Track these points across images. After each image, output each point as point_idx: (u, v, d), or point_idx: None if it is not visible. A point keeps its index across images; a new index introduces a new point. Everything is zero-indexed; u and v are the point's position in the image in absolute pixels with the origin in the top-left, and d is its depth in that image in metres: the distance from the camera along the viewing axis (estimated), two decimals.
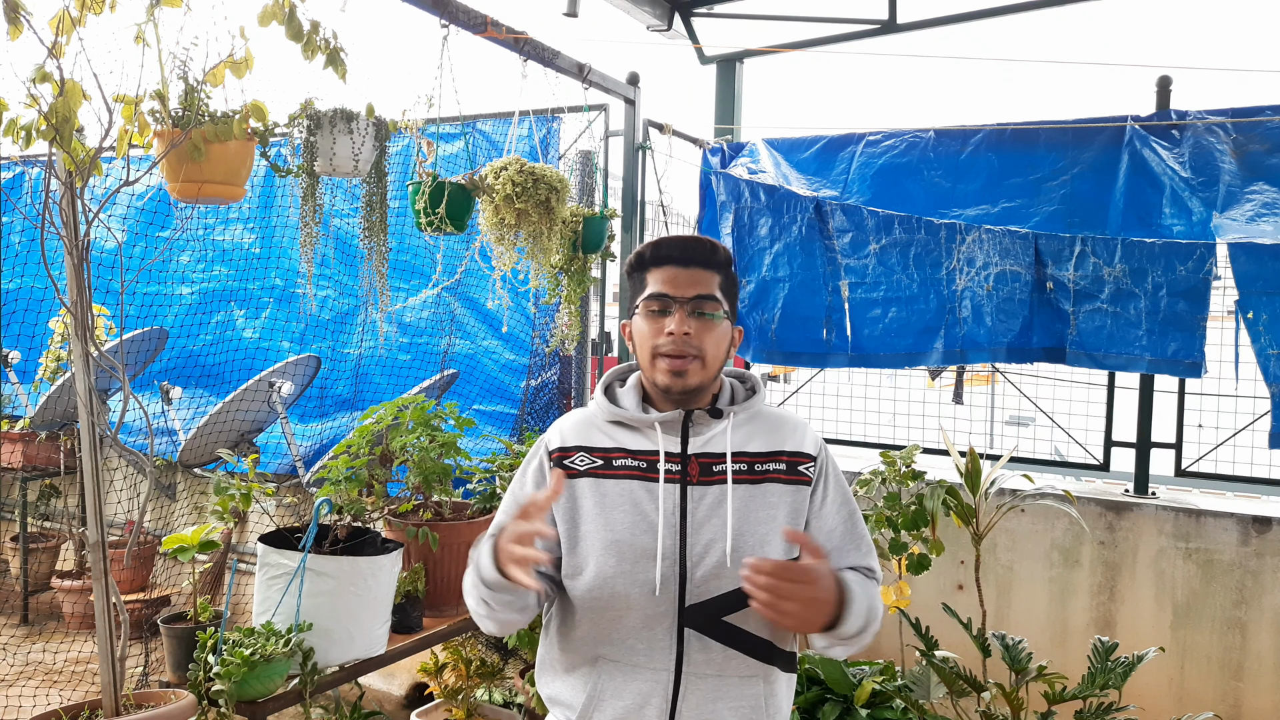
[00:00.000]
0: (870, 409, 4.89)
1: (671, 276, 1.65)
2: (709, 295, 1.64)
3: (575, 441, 1.69)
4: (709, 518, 1.60)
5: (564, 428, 1.73)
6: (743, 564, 1.47)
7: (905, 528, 3.32)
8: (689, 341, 1.61)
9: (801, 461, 1.67)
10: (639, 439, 1.66)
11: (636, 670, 1.59)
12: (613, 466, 1.64)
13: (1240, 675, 3.67)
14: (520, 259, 3.23)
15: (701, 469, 1.63)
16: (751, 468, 1.64)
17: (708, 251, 1.67)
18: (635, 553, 1.59)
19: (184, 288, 5.32)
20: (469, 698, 3.63)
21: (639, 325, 1.67)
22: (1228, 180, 3.65)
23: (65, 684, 4.21)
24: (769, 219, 4.33)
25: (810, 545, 1.51)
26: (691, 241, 1.68)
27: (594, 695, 1.61)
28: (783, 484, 1.65)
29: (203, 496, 5.24)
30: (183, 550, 2.53)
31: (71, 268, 2.08)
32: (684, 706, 1.58)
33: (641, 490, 1.62)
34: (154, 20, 2.17)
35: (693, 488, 1.62)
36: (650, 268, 1.68)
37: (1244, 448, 4.03)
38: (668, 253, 1.67)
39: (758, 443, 1.67)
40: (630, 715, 1.58)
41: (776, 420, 1.72)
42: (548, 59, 3.55)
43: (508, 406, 4.66)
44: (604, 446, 1.67)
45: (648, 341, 1.65)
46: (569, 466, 1.67)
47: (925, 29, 4.92)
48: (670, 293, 1.63)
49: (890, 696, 3.13)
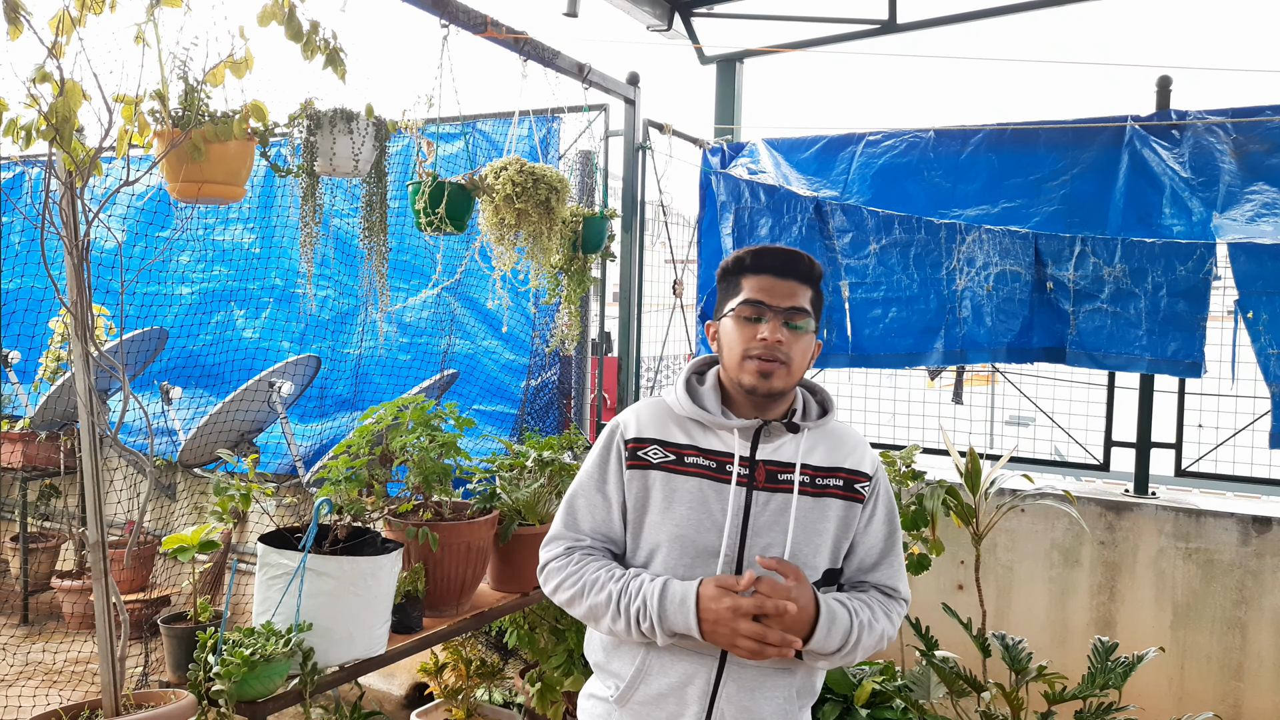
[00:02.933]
0: (870, 409, 4.89)
1: (769, 286, 1.73)
2: (801, 308, 1.73)
3: (651, 433, 1.76)
4: (771, 523, 1.70)
5: (641, 417, 1.80)
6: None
7: (905, 528, 3.31)
8: (779, 349, 1.69)
9: (858, 480, 1.77)
10: (711, 438, 1.74)
11: (685, 653, 1.69)
12: (684, 463, 1.73)
13: (1240, 675, 3.67)
14: (520, 259, 3.23)
15: (768, 475, 1.72)
16: (814, 480, 1.74)
17: (805, 266, 1.76)
18: (697, 548, 1.69)
19: (184, 288, 5.31)
20: (469, 698, 3.63)
21: (729, 328, 1.75)
22: (1228, 180, 3.65)
23: (65, 684, 4.21)
24: (769, 219, 4.33)
25: (784, 566, 1.63)
26: (791, 254, 1.76)
27: (642, 669, 1.71)
28: (839, 499, 1.76)
29: (203, 496, 5.24)
30: (183, 550, 2.52)
31: (71, 268, 2.08)
32: (724, 690, 1.68)
33: (710, 489, 1.71)
34: (154, 20, 2.17)
35: (757, 492, 1.71)
36: (748, 274, 1.76)
37: (1244, 448, 4.03)
38: (768, 262, 1.75)
39: (820, 456, 1.76)
40: (674, 692, 1.69)
41: (840, 436, 1.82)
42: (548, 59, 3.54)
43: (508, 406, 4.66)
44: (678, 442, 1.75)
45: (738, 344, 1.72)
46: (642, 458, 1.75)
47: (925, 29, 4.92)
48: (767, 301, 1.72)
49: (890, 696, 3.13)
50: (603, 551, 1.80)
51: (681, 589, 1.64)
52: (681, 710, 1.69)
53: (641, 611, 1.65)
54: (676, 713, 1.69)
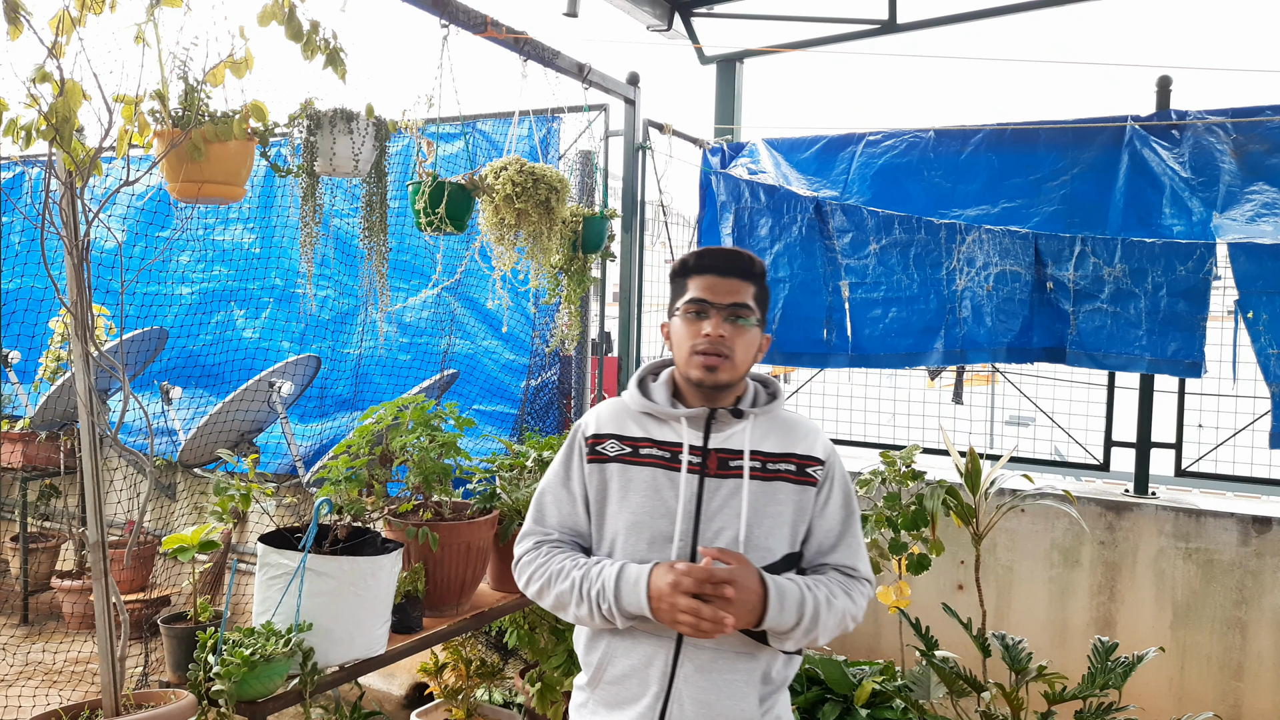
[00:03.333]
0: (870, 409, 4.89)
1: (711, 284, 1.82)
2: (743, 304, 1.82)
3: (609, 429, 1.87)
4: (722, 508, 1.78)
5: (600, 415, 1.91)
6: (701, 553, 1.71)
7: (905, 528, 3.31)
8: (723, 343, 1.78)
9: (810, 464, 1.84)
10: (665, 430, 1.84)
11: (645, 636, 1.78)
12: (639, 454, 1.83)
13: (1240, 675, 3.67)
14: (520, 259, 3.23)
15: (719, 463, 1.80)
16: (765, 466, 1.82)
17: (746, 263, 1.85)
18: (653, 534, 1.78)
19: (184, 288, 5.31)
20: (469, 698, 3.63)
21: (678, 326, 1.85)
22: (1228, 180, 3.65)
23: (65, 684, 4.21)
24: (769, 219, 4.33)
25: (725, 554, 1.70)
26: (732, 254, 1.86)
27: (607, 653, 1.82)
28: (791, 483, 1.82)
29: (203, 496, 5.24)
30: (183, 550, 2.52)
31: (71, 268, 2.08)
32: (681, 671, 1.76)
33: (664, 478, 1.80)
34: (154, 20, 2.17)
35: (709, 479, 1.80)
36: (693, 274, 1.85)
37: (1244, 448, 4.03)
38: (710, 262, 1.84)
39: (772, 443, 1.84)
40: (636, 673, 1.79)
41: (792, 423, 1.90)
42: (548, 59, 3.54)
43: (508, 406, 4.66)
44: (634, 435, 1.85)
45: (686, 341, 1.82)
46: (601, 452, 1.86)
47: (925, 29, 4.92)
48: (709, 299, 1.81)
49: (890, 696, 3.13)
50: (570, 544, 1.89)
51: (636, 571, 1.74)
52: (643, 690, 1.78)
53: (601, 594, 1.75)
54: (639, 693, 1.78)
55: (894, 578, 3.43)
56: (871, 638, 4.30)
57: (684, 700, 1.75)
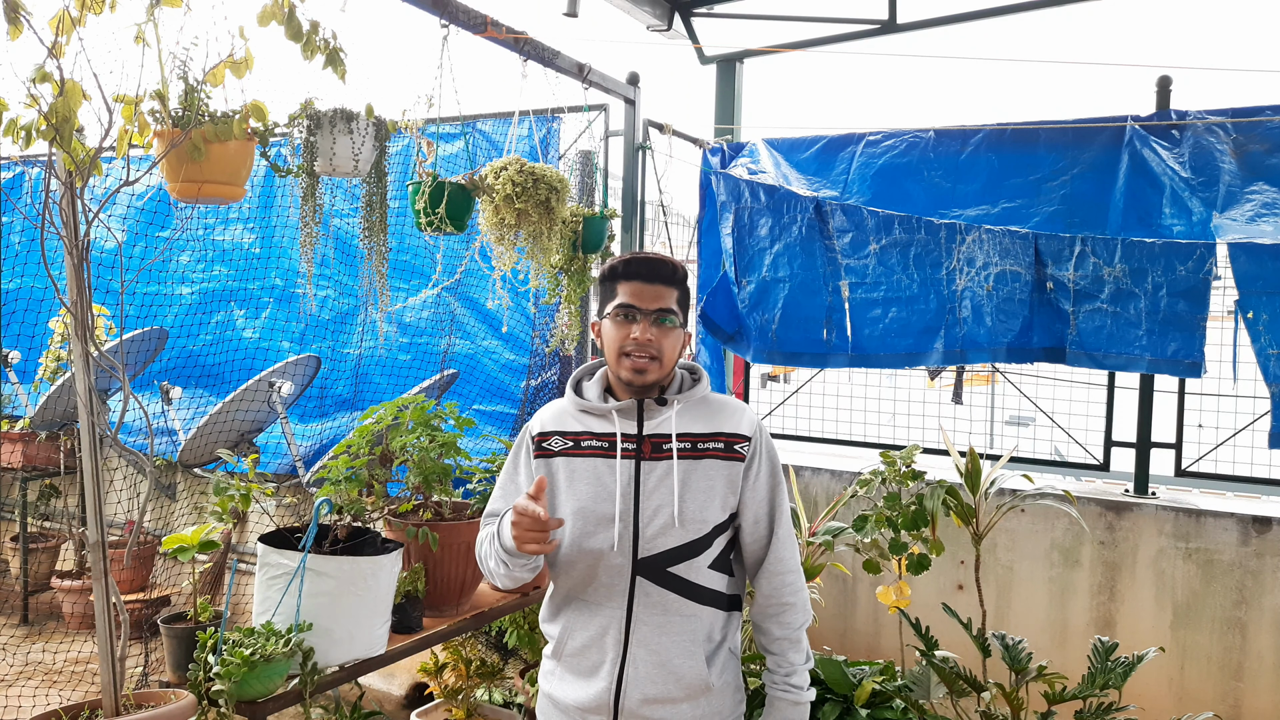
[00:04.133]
0: (870, 409, 4.88)
1: (638, 291, 1.99)
2: (668, 309, 2.00)
3: (552, 427, 2.06)
4: (658, 487, 1.96)
5: (544, 416, 2.10)
6: None
7: (905, 528, 3.31)
8: (650, 345, 1.96)
9: (737, 441, 2.02)
10: (603, 424, 2.02)
11: (599, 608, 1.98)
12: (581, 447, 2.01)
13: (1240, 675, 3.67)
14: (520, 259, 3.23)
15: (653, 447, 1.99)
16: (694, 445, 1.99)
17: (669, 271, 2.02)
18: (597, 517, 1.97)
19: (184, 288, 5.31)
20: (469, 698, 3.63)
21: (608, 328, 2.02)
22: (1228, 180, 3.64)
23: (65, 684, 4.21)
24: (769, 219, 4.32)
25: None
26: (657, 261, 2.03)
27: (567, 627, 2.03)
28: (720, 460, 2.00)
29: (203, 496, 5.24)
30: (183, 550, 2.52)
31: (71, 268, 2.08)
32: (634, 637, 1.96)
33: (604, 466, 1.98)
34: (154, 20, 2.17)
35: (645, 462, 1.98)
36: (621, 280, 2.01)
37: (1244, 448, 4.03)
38: (636, 269, 2.01)
39: (700, 425, 2.02)
40: (594, 642, 1.98)
41: (718, 405, 2.07)
42: (548, 59, 3.54)
43: (508, 406, 4.66)
44: (574, 430, 2.04)
45: (616, 343, 1.99)
46: (547, 448, 2.04)
47: (925, 29, 4.92)
48: (637, 304, 1.98)
49: (890, 696, 3.13)
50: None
51: (508, 516, 1.92)
52: (602, 658, 1.97)
53: (497, 541, 1.96)
54: (599, 659, 1.97)
55: (894, 578, 3.43)
56: (871, 638, 4.30)
57: (638, 662, 1.94)
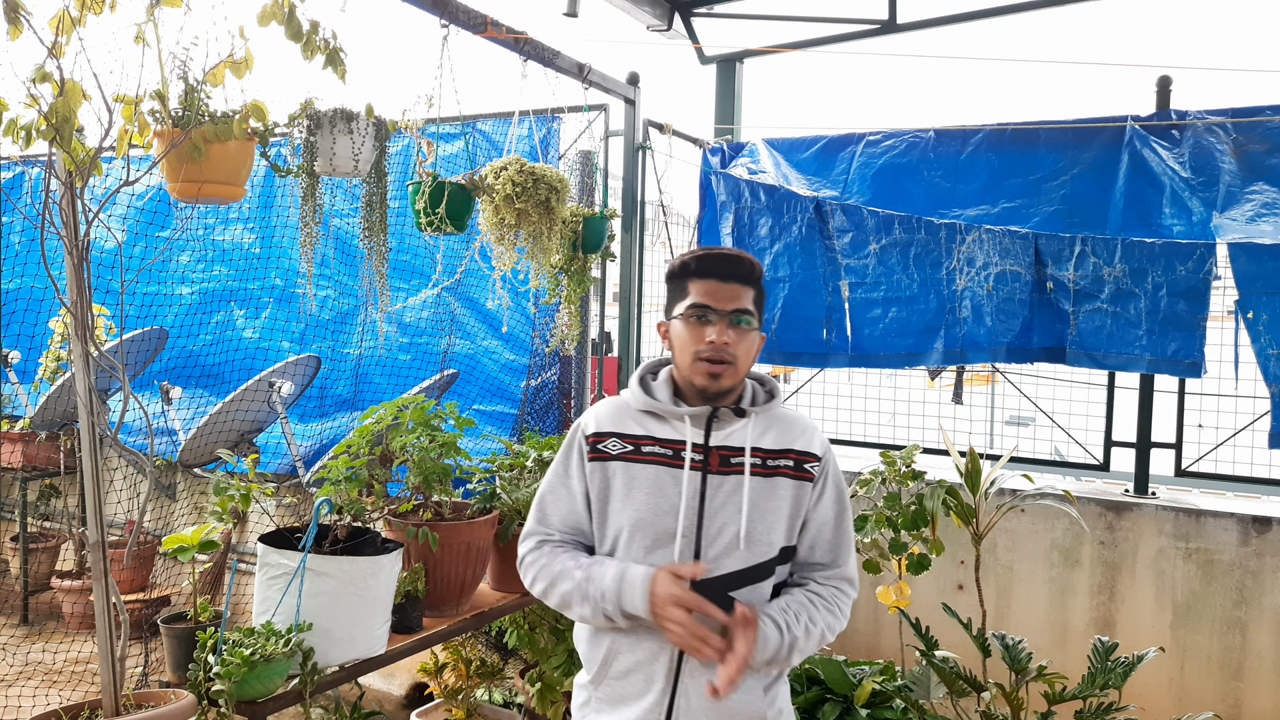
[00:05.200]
0: (870, 409, 4.88)
1: (713, 290, 1.82)
2: (745, 309, 1.83)
3: (609, 428, 1.87)
4: (724, 504, 1.80)
5: (600, 414, 1.91)
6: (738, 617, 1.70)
7: (905, 528, 3.31)
8: (727, 349, 1.79)
9: (808, 460, 1.86)
10: (666, 428, 1.85)
11: (650, 631, 1.77)
12: (641, 453, 1.83)
13: (1240, 675, 3.67)
14: (520, 259, 3.23)
15: (721, 460, 1.82)
16: (765, 462, 1.83)
17: (746, 268, 1.86)
18: (657, 532, 1.79)
19: (184, 288, 5.31)
20: (469, 698, 3.63)
21: (679, 329, 1.85)
22: (1228, 180, 3.64)
23: (65, 684, 4.21)
24: (769, 219, 4.32)
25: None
26: (733, 258, 1.86)
27: (611, 650, 1.82)
28: (790, 479, 1.84)
29: (203, 496, 5.24)
30: (183, 550, 2.52)
31: (71, 268, 2.08)
32: (687, 666, 1.77)
33: (667, 475, 1.81)
34: (154, 20, 2.16)
35: (712, 476, 1.81)
36: (693, 278, 1.85)
37: (1244, 448, 4.03)
38: (711, 267, 1.84)
39: (771, 439, 1.86)
40: (640, 668, 1.80)
41: (790, 421, 1.92)
42: (548, 59, 3.54)
43: (508, 406, 4.66)
44: (635, 434, 1.85)
45: (689, 346, 1.82)
46: (602, 451, 1.86)
47: (925, 29, 4.92)
48: (712, 304, 1.81)
49: (890, 696, 3.13)
50: (573, 544, 1.91)
51: (636, 574, 1.75)
52: (649, 686, 1.79)
53: (603, 597, 1.76)
54: (644, 688, 1.79)
55: (894, 578, 3.43)
56: (871, 638, 4.30)
57: (690, 694, 1.77)
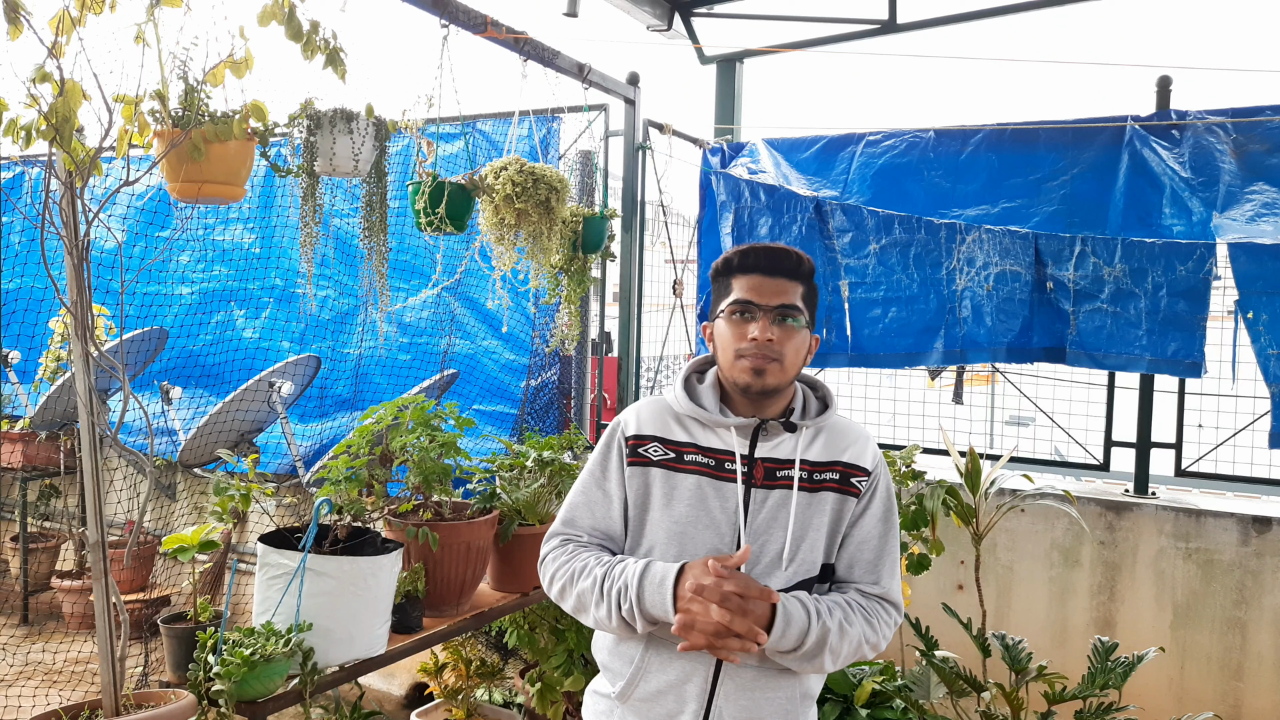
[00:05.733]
0: (870, 409, 4.88)
1: (757, 285, 1.72)
2: (792, 305, 1.71)
3: (651, 430, 1.76)
4: (769, 521, 1.69)
5: (641, 415, 1.79)
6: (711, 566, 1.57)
7: (905, 528, 3.31)
8: (771, 347, 1.68)
9: (855, 474, 1.75)
10: (710, 436, 1.74)
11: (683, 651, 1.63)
12: (684, 461, 1.73)
13: (1240, 675, 3.67)
14: (520, 259, 3.23)
15: (766, 473, 1.71)
16: (811, 476, 1.73)
17: (793, 263, 1.74)
18: (696, 544, 1.68)
19: (184, 288, 5.32)
20: (469, 698, 3.63)
21: (722, 328, 1.75)
22: (1228, 180, 3.64)
23: (65, 684, 4.21)
24: (769, 219, 4.33)
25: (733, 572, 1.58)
26: (778, 251, 1.75)
27: (641, 667, 1.70)
28: (834, 493, 1.73)
29: (203, 496, 5.24)
30: (183, 550, 2.52)
31: (71, 268, 2.08)
32: (722, 690, 1.66)
33: (709, 486, 1.70)
34: (154, 20, 2.16)
35: (756, 489, 1.70)
36: (737, 274, 1.75)
37: (1244, 448, 4.03)
38: (755, 261, 1.74)
39: (818, 450, 1.75)
40: (672, 689, 1.68)
41: (840, 430, 1.79)
42: (548, 59, 3.54)
43: (508, 406, 4.66)
44: (678, 440, 1.74)
45: (730, 344, 1.72)
46: (643, 455, 1.75)
47: (925, 29, 4.92)
48: (755, 300, 1.71)
49: (890, 696, 3.13)
50: (600, 548, 1.78)
51: (662, 570, 1.61)
52: (680, 708, 1.67)
53: (622, 593, 1.63)
54: (675, 710, 1.67)
55: None
56: None
57: (724, 718, 1.66)
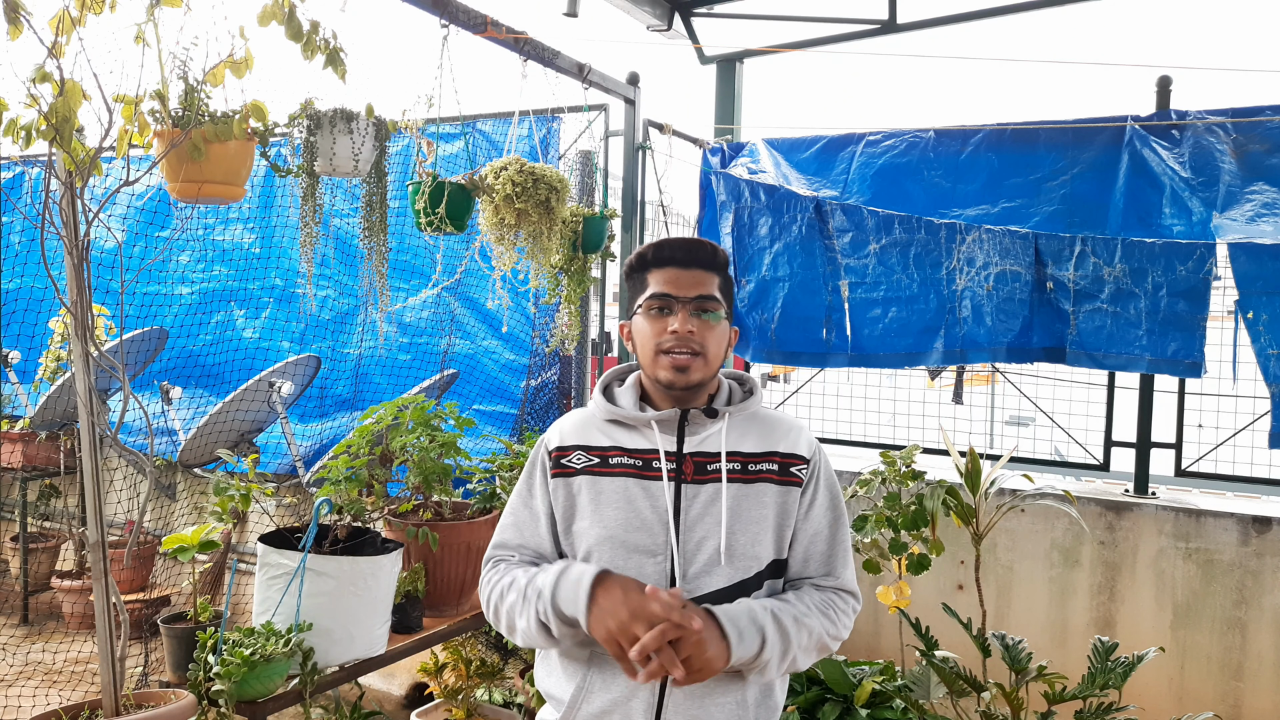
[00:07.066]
0: (870, 409, 4.88)
1: (674, 277, 1.68)
2: (710, 296, 1.67)
3: (574, 440, 1.72)
4: (702, 516, 1.63)
5: (564, 427, 1.76)
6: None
7: (905, 528, 3.31)
8: (692, 339, 1.63)
9: (794, 463, 1.70)
10: (636, 437, 1.68)
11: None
12: (609, 464, 1.67)
13: (1240, 675, 3.67)
14: (520, 259, 3.23)
15: (696, 467, 1.66)
16: (745, 467, 1.67)
17: (708, 254, 1.71)
18: (628, 549, 1.62)
19: (184, 288, 5.32)
20: (469, 698, 3.63)
21: (640, 324, 1.70)
22: (1228, 180, 3.64)
23: (65, 684, 4.21)
24: (769, 219, 4.32)
25: (684, 612, 1.48)
26: (693, 243, 1.71)
27: (582, 687, 1.62)
28: (774, 484, 1.68)
29: (203, 496, 5.24)
30: (183, 550, 2.52)
31: (71, 268, 2.08)
32: (669, 702, 1.58)
33: (636, 488, 1.65)
34: (154, 20, 2.17)
35: (687, 485, 1.65)
36: (652, 268, 1.70)
37: (1244, 448, 4.03)
38: (670, 254, 1.70)
39: (751, 442, 1.69)
40: (617, 707, 1.59)
41: (772, 421, 1.75)
42: (548, 59, 3.54)
43: (508, 406, 4.66)
44: (601, 445, 1.69)
45: (650, 340, 1.67)
46: (566, 465, 1.69)
47: (925, 29, 4.92)
48: (673, 293, 1.66)
49: (890, 696, 3.13)
50: (531, 565, 1.71)
51: (580, 569, 1.56)
52: None
53: (540, 594, 1.57)
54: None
55: (894, 578, 3.43)
56: (871, 638, 4.30)
57: None
